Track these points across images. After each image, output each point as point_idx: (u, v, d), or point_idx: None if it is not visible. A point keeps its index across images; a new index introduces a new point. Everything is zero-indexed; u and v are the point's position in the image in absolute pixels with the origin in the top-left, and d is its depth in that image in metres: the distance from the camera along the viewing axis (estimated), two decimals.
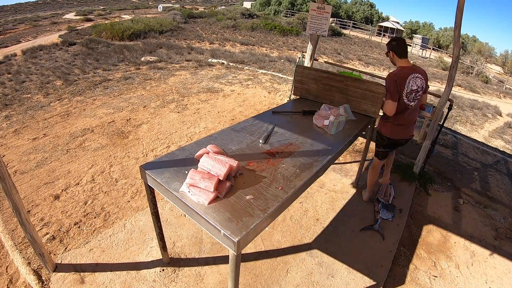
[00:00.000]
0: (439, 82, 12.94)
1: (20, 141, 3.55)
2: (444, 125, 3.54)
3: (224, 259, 2.09)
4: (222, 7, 33.15)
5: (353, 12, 35.41)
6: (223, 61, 8.77)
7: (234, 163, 1.43)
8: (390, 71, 2.27)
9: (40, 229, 2.24)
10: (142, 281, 1.89)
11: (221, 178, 1.34)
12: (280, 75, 7.71)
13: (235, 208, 1.27)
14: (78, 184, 2.81)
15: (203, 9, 27.64)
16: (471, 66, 19.64)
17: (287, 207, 1.46)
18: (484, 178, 3.86)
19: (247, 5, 33.04)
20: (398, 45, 2.26)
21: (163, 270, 1.97)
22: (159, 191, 1.47)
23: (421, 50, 23.39)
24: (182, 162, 1.58)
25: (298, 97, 2.93)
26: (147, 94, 5.38)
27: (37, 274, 1.88)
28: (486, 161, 4.48)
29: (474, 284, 2.17)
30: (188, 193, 1.32)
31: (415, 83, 2.23)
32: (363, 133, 2.39)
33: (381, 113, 2.47)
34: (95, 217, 2.41)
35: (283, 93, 5.98)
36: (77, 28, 14.83)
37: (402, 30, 32.20)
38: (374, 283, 2.04)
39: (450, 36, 29.66)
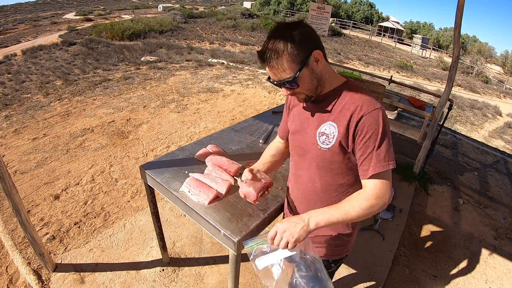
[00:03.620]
0: (439, 82, 12.95)
1: (20, 141, 3.55)
2: (444, 125, 3.54)
3: (224, 259, 2.09)
4: (222, 7, 33.15)
5: (353, 12, 35.42)
6: (223, 61, 8.77)
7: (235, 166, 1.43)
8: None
9: (40, 229, 2.24)
10: (142, 281, 1.89)
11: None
12: None
13: (235, 208, 1.27)
14: (78, 184, 2.81)
15: (203, 9, 27.64)
16: (471, 66, 19.65)
17: None
18: (484, 178, 3.86)
19: (247, 5, 33.03)
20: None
21: (163, 270, 1.97)
22: (159, 191, 1.47)
23: (421, 50, 23.39)
24: (182, 162, 1.58)
25: None
26: (147, 94, 5.38)
27: (37, 274, 1.88)
28: (486, 161, 4.48)
29: (474, 284, 2.17)
30: (188, 193, 1.32)
31: None
32: None
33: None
34: (95, 217, 2.41)
35: (283, 93, 5.97)
36: (77, 28, 14.82)
37: (402, 30, 32.22)
38: (374, 283, 2.04)
39: (450, 36, 29.66)
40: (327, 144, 0.92)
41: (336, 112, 0.91)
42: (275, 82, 0.89)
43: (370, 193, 0.87)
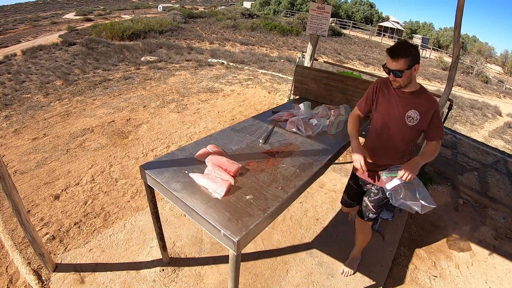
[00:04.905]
0: (439, 82, 12.95)
1: (20, 141, 3.55)
2: (444, 125, 3.54)
3: (224, 259, 2.09)
4: (222, 7, 33.14)
5: (353, 12, 35.41)
6: (223, 61, 8.77)
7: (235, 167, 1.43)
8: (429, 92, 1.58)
9: (40, 229, 2.24)
10: (142, 281, 1.89)
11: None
12: (280, 75, 7.71)
13: (235, 208, 1.27)
14: (78, 184, 2.81)
15: (203, 9, 27.63)
16: (471, 66, 19.65)
17: (287, 207, 1.46)
18: (484, 178, 3.86)
19: (247, 5, 33.02)
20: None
21: (163, 270, 1.97)
22: (159, 191, 1.47)
23: (421, 50, 23.39)
24: (182, 162, 1.58)
25: (298, 97, 2.94)
26: (147, 94, 5.38)
27: (37, 274, 1.88)
28: (486, 161, 4.48)
29: (474, 284, 2.17)
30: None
31: None
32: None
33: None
34: (95, 217, 2.41)
35: (283, 93, 5.98)
36: (77, 28, 14.82)
37: (402, 30, 32.21)
38: (374, 283, 2.04)
39: (450, 36, 29.66)
40: (412, 123, 1.52)
41: (418, 105, 1.51)
42: (388, 69, 1.47)
43: (438, 146, 1.56)
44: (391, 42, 25.06)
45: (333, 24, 25.29)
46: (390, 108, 1.57)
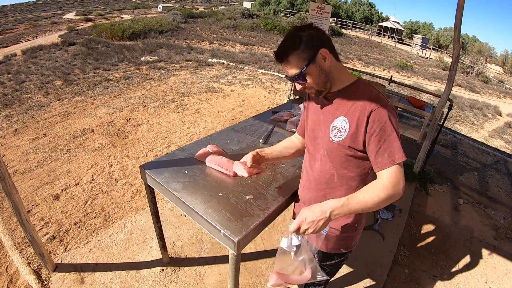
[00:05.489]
0: (439, 82, 12.94)
1: (20, 141, 3.55)
2: (444, 125, 3.54)
3: (224, 259, 2.09)
4: (222, 7, 33.14)
5: (353, 12, 35.40)
6: (223, 61, 8.77)
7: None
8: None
9: (40, 229, 2.24)
10: (142, 281, 1.89)
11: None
12: (280, 75, 7.71)
13: (235, 208, 1.27)
14: (78, 184, 2.81)
15: (203, 9, 27.63)
16: (471, 66, 19.64)
17: (287, 207, 1.46)
18: (484, 178, 3.87)
19: (247, 5, 33.02)
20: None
21: (163, 270, 1.97)
22: (159, 191, 1.47)
23: (421, 50, 23.39)
24: (182, 162, 1.58)
25: (298, 97, 2.93)
26: (147, 94, 5.38)
27: (37, 274, 1.88)
28: (486, 161, 4.48)
29: (474, 284, 2.17)
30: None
31: None
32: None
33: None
34: (95, 217, 2.41)
35: (283, 93, 5.98)
36: (77, 28, 14.82)
37: (402, 30, 32.21)
38: (374, 283, 2.04)
39: (450, 36, 29.67)
40: (339, 137, 1.00)
41: (347, 108, 0.98)
42: (288, 77, 1.00)
43: (387, 182, 0.92)
44: (391, 42, 25.06)
45: (333, 24, 25.29)
46: (317, 123, 1.10)
